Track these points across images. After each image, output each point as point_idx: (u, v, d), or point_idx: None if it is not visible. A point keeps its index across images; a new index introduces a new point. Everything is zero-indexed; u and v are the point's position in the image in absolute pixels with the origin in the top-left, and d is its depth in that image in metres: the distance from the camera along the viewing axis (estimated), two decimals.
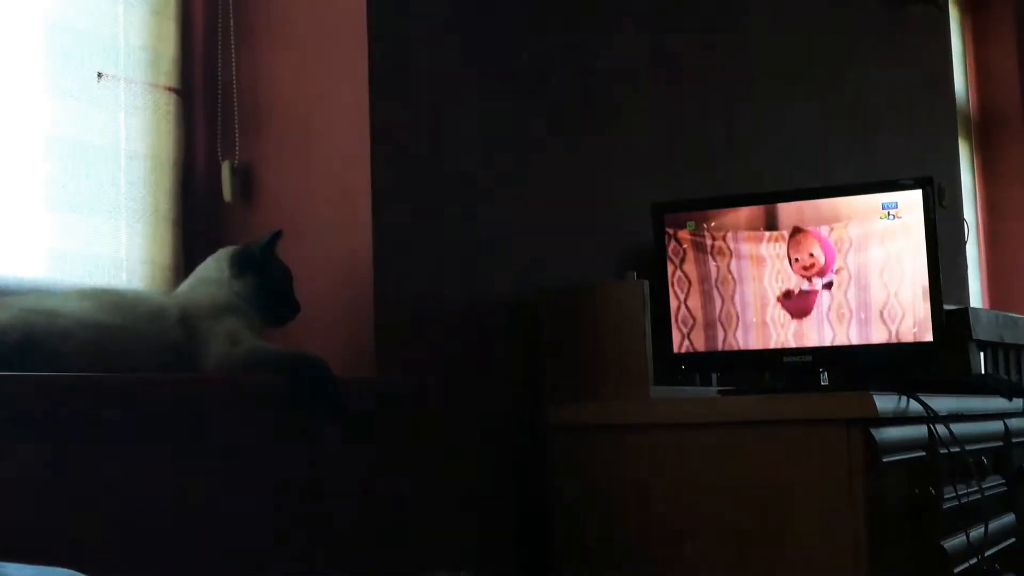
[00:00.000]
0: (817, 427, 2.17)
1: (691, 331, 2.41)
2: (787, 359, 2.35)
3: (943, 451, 2.42)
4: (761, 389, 2.50)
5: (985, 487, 2.65)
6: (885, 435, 2.20)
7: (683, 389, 2.57)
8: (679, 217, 2.43)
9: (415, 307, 2.23)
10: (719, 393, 2.42)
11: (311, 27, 2.23)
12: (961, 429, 2.51)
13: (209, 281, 1.95)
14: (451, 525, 2.25)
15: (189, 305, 1.86)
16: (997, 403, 2.89)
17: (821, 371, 2.36)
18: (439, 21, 2.37)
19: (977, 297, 5.95)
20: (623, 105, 2.94)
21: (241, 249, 1.99)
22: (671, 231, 2.43)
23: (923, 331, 2.28)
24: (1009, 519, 2.87)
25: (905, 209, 2.31)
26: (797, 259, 2.33)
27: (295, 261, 2.04)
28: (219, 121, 2.26)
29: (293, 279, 2.02)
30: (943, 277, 2.32)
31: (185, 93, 2.24)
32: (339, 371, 1.93)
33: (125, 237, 2.10)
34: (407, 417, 2.17)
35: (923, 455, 2.39)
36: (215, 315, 1.86)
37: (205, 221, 2.24)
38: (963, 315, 3.38)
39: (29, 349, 1.61)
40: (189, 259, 2.15)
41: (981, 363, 3.50)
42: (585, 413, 2.39)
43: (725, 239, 2.40)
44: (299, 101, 2.24)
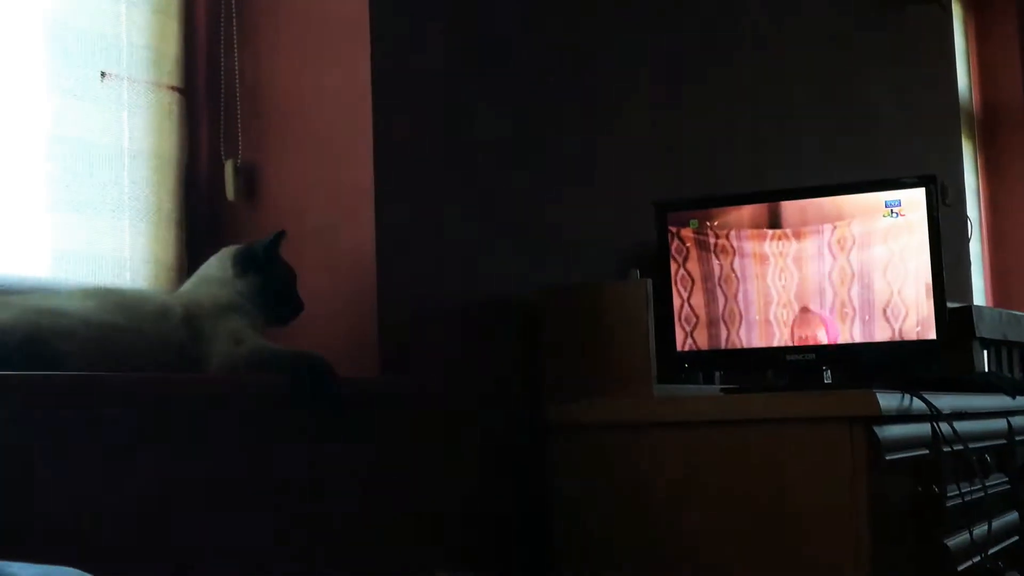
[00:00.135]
0: (820, 425, 2.17)
1: (694, 329, 2.41)
2: (790, 357, 2.35)
3: (946, 449, 2.42)
4: (764, 387, 2.50)
5: (988, 485, 2.64)
6: (888, 433, 2.20)
7: (686, 388, 2.57)
8: (682, 215, 2.43)
9: (417, 306, 2.23)
10: (722, 391, 2.42)
11: (314, 26, 2.23)
12: (964, 427, 2.51)
13: (212, 280, 1.95)
14: (452, 524, 2.25)
15: (192, 304, 1.86)
16: (1001, 401, 2.89)
17: (824, 369, 2.36)
18: (441, 20, 2.37)
19: (980, 295, 5.95)
20: (625, 103, 2.93)
21: (244, 248, 1.99)
22: (674, 229, 2.43)
23: (926, 329, 2.28)
24: (1012, 517, 2.87)
25: (908, 207, 2.31)
26: (802, 337, 2.33)
27: (298, 260, 2.04)
28: (222, 120, 2.26)
29: (296, 278, 2.02)
30: (946, 275, 2.31)
31: (188, 92, 2.24)
32: (342, 370, 1.93)
33: (128, 236, 2.10)
34: (408, 416, 2.17)
35: (926, 453, 2.39)
36: (218, 314, 1.86)
37: (208, 220, 2.24)
38: (967, 313, 3.37)
39: (33, 349, 1.61)
40: (192, 258, 2.15)
41: (984, 361, 3.50)
42: (588, 412, 2.39)
43: (728, 237, 2.40)
44: (302, 100, 2.24)
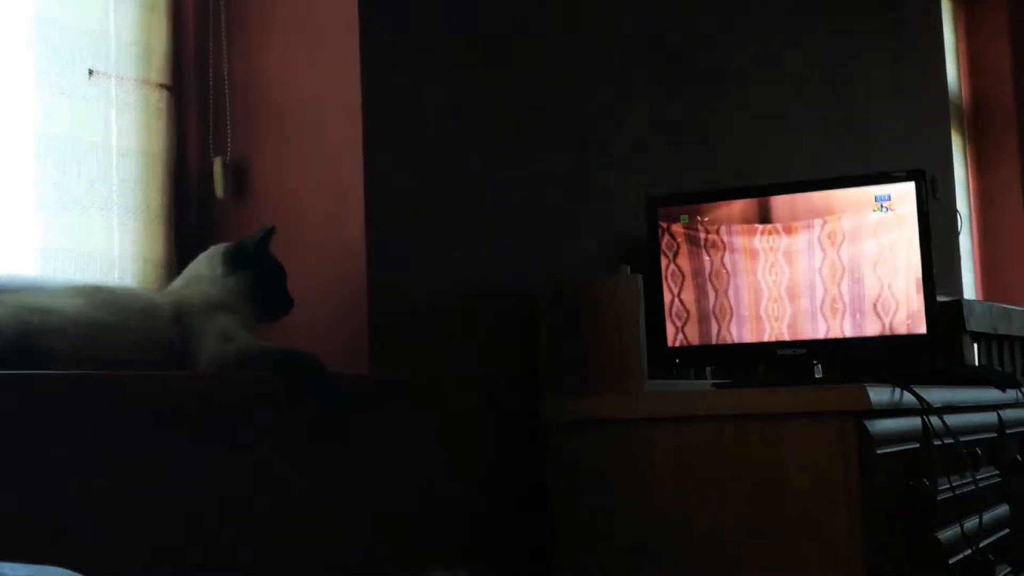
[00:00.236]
0: (811, 420, 2.17)
1: (685, 325, 2.41)
2: (781, 352, 2.36)
3: (937, 443, 2.42)
4: (755, 382, 2.50)
5: (979, 478, 2.65)
6: (879, 427, 2.20)
7: (677, 383, 2.58)
8: (673, 211, 2.43)
9: (408, 303, 2.23)
10: (713, 387, 2.43)
11: (303, 22, 2.22)
12: (955, 420, 2.51)
13: (202, 278, 1.94)
14: (447, 520, 2.25)
15: (182, 302, 1.86)
16: (991, 394, 2.90)
17: (815, 364, 2.36)
18: (432, 15, 2.36)
19: (971, 289, 5.97)
20: (616, 98, 2.93)
21: (234, 245, 1.98)
22: (665, 225, 2.43)
23: (917, 323, 2.28)
24: (1003, 510, 2.88)
25: (898, 201, 2.31)
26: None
27: (288, 257, 2.04)
28: (211, 117, 2.25)
29: (286, 275, 2.02)
30: (936, 269, 2.32)
31: (177, 89, 2.24)
32: (334, 367, 1.92)
33: (117, 234, 2.10)
34: (402, 413, 2.17)
35: (917, 447, 2.39)
36: (208, 312, 1.86)
37: (197, 217, 2.24)
38: (957, 307, 3.38)
39: (23, 346, 1.60)
40: (181, 256, 2.15)
41: (975, 354, 3.51)
42: (580, 408, 2.39)
43: (719, 232, 2.40)
44: (291, 96, 2.23)
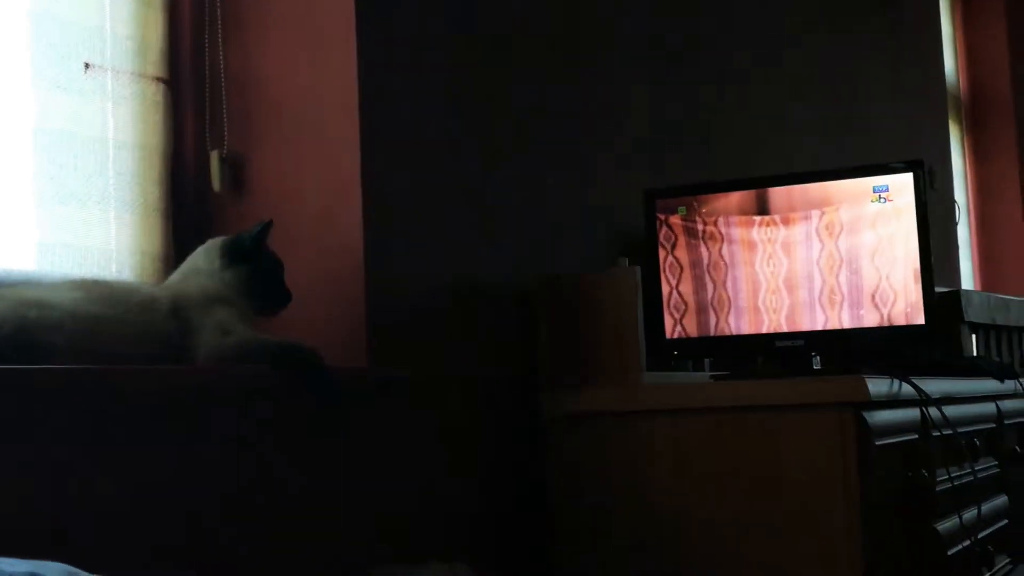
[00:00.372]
0: (810, 411, 2.17)
1: (683, 316, 2.41)
2: (779, 343, 2.36)
3: (936, 434, 2.42)
4: (754, 374, 2.50)
5: (978, 469, 2.66)
6: (878, 418, 2.20)
7: (676, 375, 2.58)
8: (670, 203, 2.43)
9: (407, 296, 2.22)
10: (712, 378, 2.42)
11: (299, 15, 2.22)
12: (953, 411, 2.52)
13: (199, 272, 1.94)
14: (447, 515, 2.25)
15: (180, 296, 1.85)
16: (989, 385, 2.90)
17: (813, 355, 2.36)
18: (429, 10, 2.36)
19: (969, 279, 5.97)
20: (616, 98, 2.93)
21: (231, 239, 1.98)
22: (662, 217, 2.43)
23: (915, 314, 2.28)
24: (1002, 501, 2.88)
25: (896, 192, 2.31)
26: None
27: (286, 251, 2.03)
28: (208, 111, 2.25)
29: (283, 268, 2.02)
30: (934, 260, 2.32)
31: (173, 83, 2.23)
32: (331, 361, 1.92)
33: (114, 228, 2.09)
34: (400, 407, 2.17)
35: (916, 438, 2.39)
36: (206, 306, 1.85)
37: (195, 211, 2.23)
38: (955, 297, 3.39)
39: (21, 341, 1.60)
40: (179, 250, 2.14)
41: (973, 345, 3.51)
42: (578, 400, 2.39)
43: (716, 224, 2.40)
44: (288, 90, 2.23)
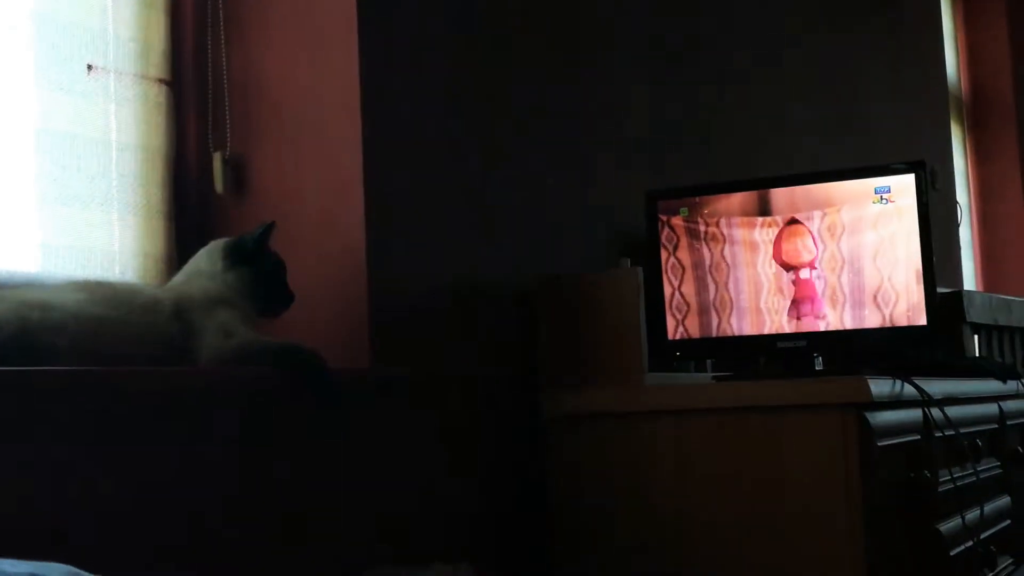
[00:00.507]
0: (812, 412, 2.17)
1: (685, 317, 2.41)
2: (781, 344, 2.36)
3: (938, 434, 2.42)
4: (756, 375, 2.50)
5: (980, 470, 2.65)
6: (880, 419, 2.20)
7: (678, 376, 2.58)
8: (672, 204, 2.43)
9: (409, 297, 2.23)
10: (714, 379, 2.43)
11: (301, 16, 2.22)
12: (956, 412, 2.51)
13: (202, 273, 1.94)
14: (448, 515, 2.25)
15: (182, 298, 1.86)
16: (991, 385, 2.90)
17: (816, 356, 2.36)
18: (429, 10, 2.36)
19: (971, 280, 5.96)
20: (616, 98, 2.93)
21: (234, 241, 1.98)
22: (664, 218, 2.43)
23: (917, 315, 2.28)
24: (1004, 501, 2.88)
25: (898, 193, 2.31)
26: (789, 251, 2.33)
27: (288, 252, 2.04)
28: (210, 112, 2.25)
29: (286, 270, 2.02)
30: (936, 260, 2.32)
31: (176, 85, 2.23)
32: (334, 362, 1.92)
33: (117, 229, 2.10)
34: (402, 407, 2.17)
35: (918, 439, 2.39)
36: (208, 307, 1.85)
37: (197, 213, 2.24)
38: (957, 298, 3.39)
39: (24, 343, 1.60)
40: (182, 251, 2.15)
41: (975, 346, 3.51)
42: (580, 401, 2.39)
43: (718, 225, 2.40)
44: (290, 91, 2.23)
